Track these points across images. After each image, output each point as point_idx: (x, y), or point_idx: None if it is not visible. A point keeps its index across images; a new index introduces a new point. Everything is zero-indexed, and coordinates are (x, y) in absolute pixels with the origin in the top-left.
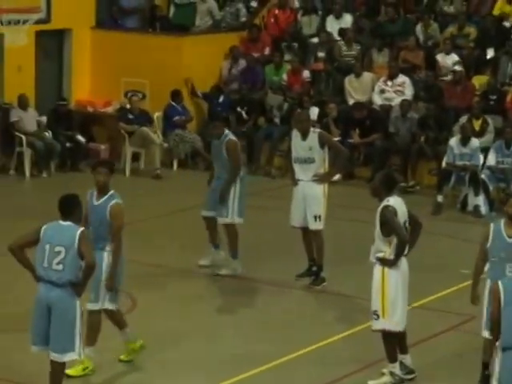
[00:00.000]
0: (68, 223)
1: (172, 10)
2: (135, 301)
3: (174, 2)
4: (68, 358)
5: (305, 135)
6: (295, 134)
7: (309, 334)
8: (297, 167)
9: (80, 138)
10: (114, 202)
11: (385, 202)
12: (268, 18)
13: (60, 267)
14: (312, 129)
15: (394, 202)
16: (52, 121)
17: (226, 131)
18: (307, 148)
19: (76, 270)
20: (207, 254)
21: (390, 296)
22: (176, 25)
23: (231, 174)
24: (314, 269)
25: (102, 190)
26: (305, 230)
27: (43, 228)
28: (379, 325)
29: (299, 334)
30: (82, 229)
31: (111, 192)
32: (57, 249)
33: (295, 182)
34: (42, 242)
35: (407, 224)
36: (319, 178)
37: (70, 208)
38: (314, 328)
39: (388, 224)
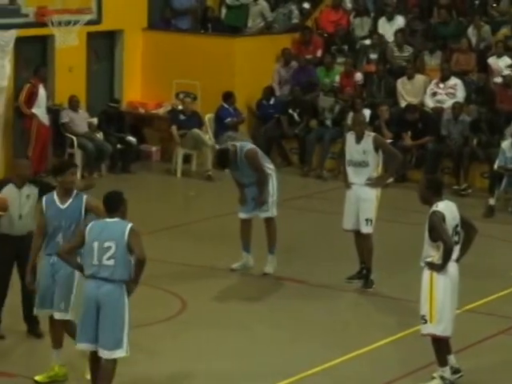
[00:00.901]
0: (115, 219)
1: (224, 11)
2: (185, 303)
3: (226, 3)
4: (117, 355)
5: (359, 138)
6: (349, 137)
7: (359, 337)
8: (350, 170)
9: (131, 139)
10: (84, 196)
11: (433, 207)
12: (320, 20)
13: (111, 262)
14: (366, 132)
15: (444, 206)
16: (103, 122)
17: (239, 144)
18: (361, 151)
19: (128, 265)
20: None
21: (438, 301)
22: (228, 26)
23: (263, 182)
24: (365, 272)
25: (70, 192)
26: (357, 233)
27: (88, 228)
28: (427, 329)
29: (349, 337)
30: (131, 224)
31: (74, 191)
32: (106, 244)
33: (348, 185)
34: (89, 242)
35: (459, 228)
36: (373, 182)
37: (116, 204)
38: (364, 331)
39: (434, 230)
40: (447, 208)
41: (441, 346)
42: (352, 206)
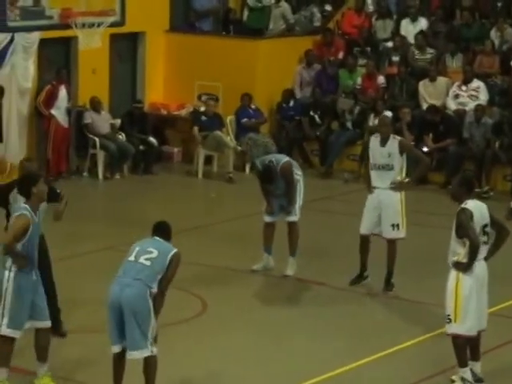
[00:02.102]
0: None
1: (246, 13)
2: (206, 304)
3: (248, 5)
4: (143, 354)
5: (384, 141)
6: (374, 140)
7: (381, 340)
8: (373, 174)
9: (153, 140)
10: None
11: (462, 205)
12: (342, 24)
13: (148, 263)
14: (392, 135)
15: (473, 205)
16: (127, 123)
17: (274, 159)
18: (386, 154)
19: (158, 275)
20: (260, 259)
21: (463, 301)
22: (250, 28)
23: (293, 195)
24: (366, 274)
25: (41, 203)
26: (366, 238)
27: (134, 244)
28: (451, 329)
29: (371, 340)
30: (177, 250)
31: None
32: (149, 249)
33: (371, 189)
34: (131, 250)
35: (488, 228)
36: (397, 186)
37: (169, 233)
38: (386, 333)
39: (461, 227)
40: (476, 207)
41: (461, 346)
42: (373, 210)
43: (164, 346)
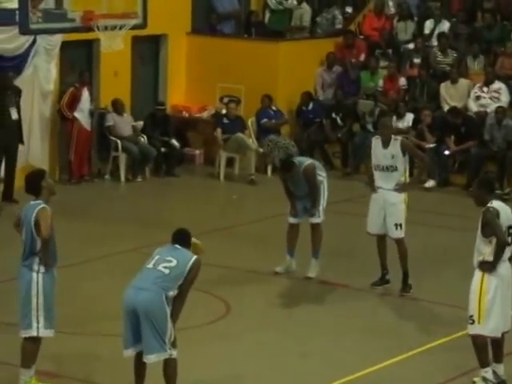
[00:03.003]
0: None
1: (267, 15)
2: (229, 306)
3: (270, 7)
4: (160, 357)
5: (387, 143)
6: (375, 142)
7: (403, 341)
8: (377, 175)
9: (175, 142)
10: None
11: (488, 204)
12: (363, 26)
13: (166, 271)
14: (393, 136)
15: (499, 205)
16: (149, 125)
17: (297, 160)
18: (389, 156)
19: (175, 284)
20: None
21: (488, 302)
22: (272, 30)
23: (316, 197)
24: (387, 277)
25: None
26: (381, 238)
27: (155, 252)
28: (475, 330)
29: (393, 341)
30: (198, 257)
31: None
32: (169, 258)
33: (375, 188)
34: (150, 257)
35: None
36: (401, 188)
37: (189, 240)
38: (411, 334)
39: (488, 225)
40: (501, 207)
41: (482, 347)
42: (378, 210)
43: (187, 348)
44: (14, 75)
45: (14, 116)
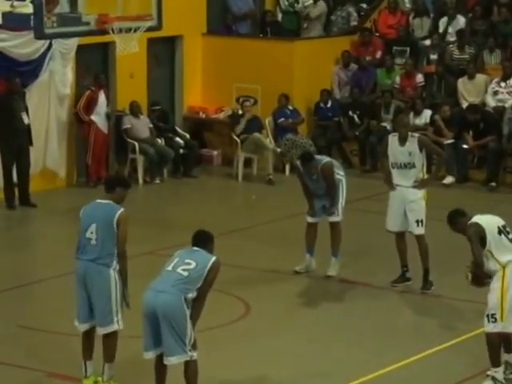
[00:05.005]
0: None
1: (279, 15)
2: (249, 306)
3: (281, 8)
4: (180, 359)
5: (404, 140)
6: (392, 139)
7: (427, 338)
8: (395, 172)
9: (179, 140)
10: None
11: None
12: (378, 23)
13: (185, 273)
14: (410, 133)
15: (476, 218)
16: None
17: (316, 158)
18: (407, 153)
19: (195, 285)
20: (303, 260)
21: (510, 299)
22: (287, 30)
23: (333, 196)
24: (408, 275)
25: None
26: (400, 235)
27: (175, 254)
28: (496, 328)
29: (415, 339)
30: (217, 258)
31: None
32: (187, 261)
33: (393, 186)
34: (170, 260)
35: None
36: (420, 184)
37: (208, 242)
38: (432, 331)
39: (470, 241)
40: (479, 218)
41: (495, 345)
42: (398, 207)
43: (207, 349)
44: (23, 80)
45: (26, 121)
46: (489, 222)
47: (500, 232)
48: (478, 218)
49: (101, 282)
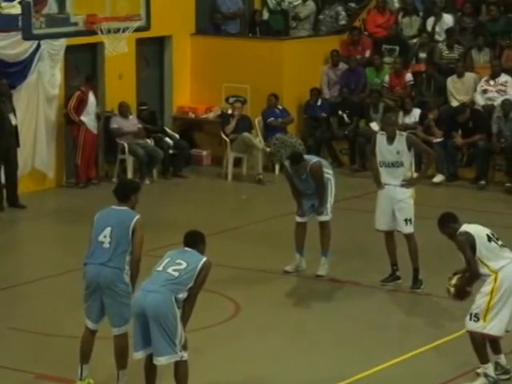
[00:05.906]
0: (194, 251)
1: (266, 14)
2: (239, 306)
3: (268, 7)
4: (171, 360)
5: (392, 139)
6: (380, 138)
7: (416, 336)
8: (383, 171)
9: (168, 140)
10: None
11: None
12: (367, 23)
13: (176, 273)
14: (398, 132)
15: (465, 227)
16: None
17: (306, 158)
18: (395, 152)
19: (186, 286)
20: (292, 260)
21: (497, 302)
22: (276, 29)
23: (323, 195)
24: (398, 273)
25: None
26: (389, 234)
27: (166, 254)
28: (476, 327)
29: (405, 338)
30: (207, 259)
31: None
32: (178, 261)
33: (381, 185)
34: (161, 260)
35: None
36: (408, 183)
37: (199, 242)
38: (422, 330)
39: (461, 250)
40: (468, 227)
41: (480, 343)
42: (386, 206)
43: (197, 348)
44: (12, 81)
45: (14, 122)
46: (477, 230)
47: (490, 239)
48: (466, 227)
49: (118, 285)
